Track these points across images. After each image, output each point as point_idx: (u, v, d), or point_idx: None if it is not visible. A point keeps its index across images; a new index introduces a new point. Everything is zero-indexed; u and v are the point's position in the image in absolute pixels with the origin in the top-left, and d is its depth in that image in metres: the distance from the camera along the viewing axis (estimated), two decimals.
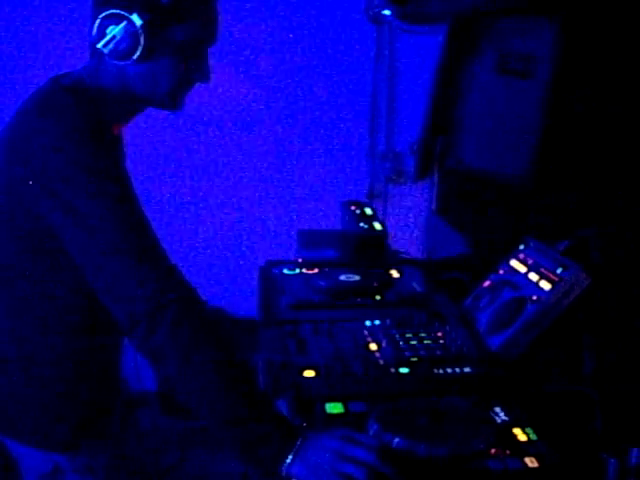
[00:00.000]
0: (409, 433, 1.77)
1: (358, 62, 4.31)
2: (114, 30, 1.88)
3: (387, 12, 3.67)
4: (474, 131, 3.03)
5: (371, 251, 3.04)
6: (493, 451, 1.76)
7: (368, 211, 3.31)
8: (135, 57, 1.89)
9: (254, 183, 4.30)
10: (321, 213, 4.13)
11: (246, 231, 4.31)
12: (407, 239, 3.94)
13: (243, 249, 4.25)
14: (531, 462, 1.73)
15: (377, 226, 3.15)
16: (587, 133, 2.48)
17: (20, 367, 2.06)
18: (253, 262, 3.08)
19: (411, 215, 4.24)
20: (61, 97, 1.94)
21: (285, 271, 2.88)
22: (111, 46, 1.89)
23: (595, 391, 1.98)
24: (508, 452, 1.76)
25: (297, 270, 2.88)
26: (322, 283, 2.68)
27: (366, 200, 4.08)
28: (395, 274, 2.85)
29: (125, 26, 1.87)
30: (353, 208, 3.33)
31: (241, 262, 4.13)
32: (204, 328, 1.86)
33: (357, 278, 2.73)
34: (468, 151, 3.06)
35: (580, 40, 2.48)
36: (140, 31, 1.87)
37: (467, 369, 2.10)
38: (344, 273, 2.76)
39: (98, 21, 1.89)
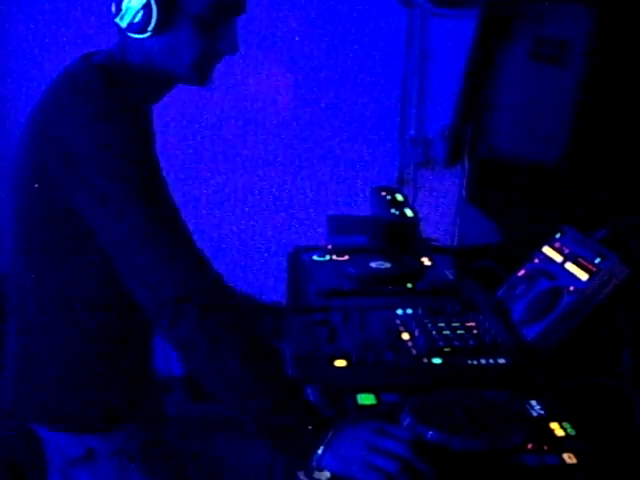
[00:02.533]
0: (443, 426, 1.73)
1: (389, 46, 4.28)
2: (129, 3, 1.83)
3: None
4: (506, 117, 2.99)
5: (403, 238, 3.00)
6: (530, 446, 1.72)
7: (399, 197, 3.27)
8: (150, 29, 1.84)
9: (284, 168, 4.29)
10: (350, 198, 4.11)
11: (275, 216, 4.30)
12: (438, 226, 3.90)
13: (272, 234, 4.23)
14: (569, 458, 1.68)
15: (409, 213, 3.10)
16: (622, 120, 2.43)
17: (51, 351, 2.04)
18: (282, 248, 3.06)
19: (441, 202, 4.21)
20: (92, 76, 1.88)
21: (314, 257, 2.84)
22: (127, 20, 1.84)
23: (633, 386, 1.94)
24: (545, 447, 1.72)
25: (327, 257, 2.85)
26: (352, 270, 2.64)
27: (396, 186, 4.04)
28: (427, 262, 2.81)
29: None
30: (384, 194, 3.28)
31: (270, 248, 4.11)
32: (231, 318, 1.82)
33: (388, 266, 2.69)
34: (500, 137, 3.03)
35: (615, 27, 2.44)
36: (153, 2, 1.81)
37: (501, 360, 2.06)
38: (375, 260, 2.72)
39: None
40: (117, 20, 1.86)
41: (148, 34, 1.85)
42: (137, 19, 1.83)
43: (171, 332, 1.78)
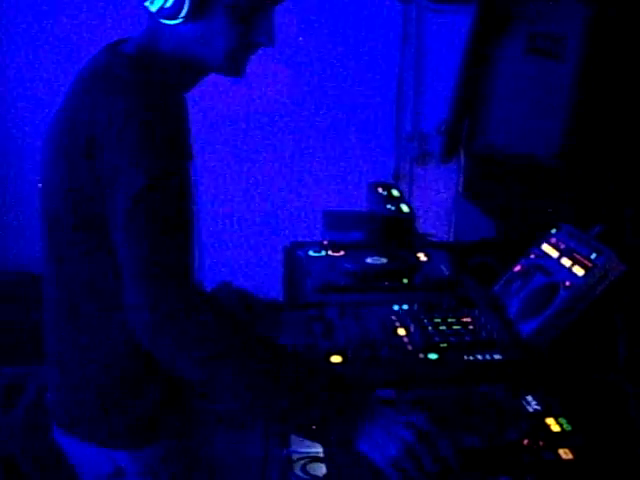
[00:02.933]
0: (439, 423, 1.73)
1: (385, 42, 4.27)
2: None
3: None
4: (502, 113, 2.98)
5: (399, 233, 2.99)
6: (526, 442, 1.72)
7: (395, 193, 3.26)
8: (183, 16, 1.73)
9: (280, 163, 4.28)
10: (347, 194, 4.11)
11: (271, 212, 4.29)
12: (433, 221, 3.90)
13: (268, 230, 4.23)
14: (565, 454, 1.68)
15: (405, 208, 3.10)
16: (619, 115, 2.43)
17: (80, 360, 1.96)
18: (278, 243, 3.05)
19: (437, 197, 4.21)
20: (125, 70, 1.78)
21: (310, 253, 2.84)
22: (158, 4, 1.74)
23: (629, 381, 1.94)
24: (541, 443, 1.72)
25: (323, 252, 2.84)
26: (348, 266, 2.64)
27: (392, 181, 4.04)
28: (423, 257, 2.81)
29: None
30: (380, 189, 3.28)
31: (266, 243, 4.11)
32: (230, 322, 1.75)
33: (384, 261, 2.69)
34: (496, 133, 3.01)
35: (612, 22, 2.43)
36: None
37: (497, 356, 2.06)
38: (371, 256, 2.72)
39: None
40: (147, 4, 1.76)
41: (180, 20, 1.75)
42: (169, 4, 1.72)
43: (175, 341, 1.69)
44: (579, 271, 2.17)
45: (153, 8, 1.75)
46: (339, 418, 1.67)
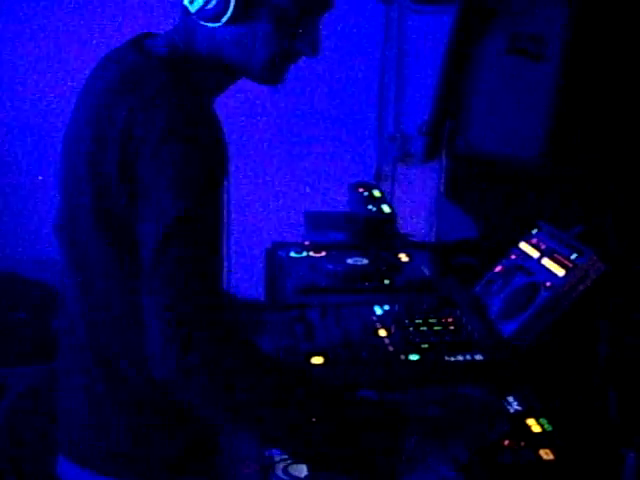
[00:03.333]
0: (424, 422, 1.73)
1: (366, 42, 4.28)
2: None
3: None
4: (484, 113, 2.98)
5: (380, 234, 3.00)
6: (506, 442, 1.72)
7: (376, 193, 3.27)
8: (225, 20, 1.63)
9: (261, 164, 4.27)
10: (328, 194, 4.10)
11: (253, 213, 4.28)
12: (415, 222, 3.91)
13: (250, 231, 4.22)
14: (546, 454, 1.68)
15: (386, 209, 3.11)
16: (600, 115, 2.43)
17: (106, 388, 1.81)
18: (260, 244, 3.04)
19: (419, 198, 4.21)
20: (161, 74, 1.66)
21: (292, 254, 2.83)
22: (198, 4, 1.63)
23: (610, 380, 1.94)
24: (522, 443, 1.72)
25: (304, 253, 2.84)
26: (330, 267, 2.64)
27: (374, 182, 4.04)
28: (404, 258, 2.81)
29: None
30: (361, 190, 3.28)
31: (248, 244, 4.10)
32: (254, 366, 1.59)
33: (365, 262, 2.69)
34: (478, 133, 3.02)
35: (592, 20, 2.44)
36: None
37: (479, 356, 2.06)
38: (352, 256, 2.72)
39: None
40: (186, 3, 1.65)
41: (222, 23, 1.64)
42: (211, 4, 1.61)
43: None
44: (559, 271, 2.17)
45: (193, 8, 1.65)
46: (382, 458, 1.60)
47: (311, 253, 2.84)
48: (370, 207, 3.11)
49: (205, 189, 1.57)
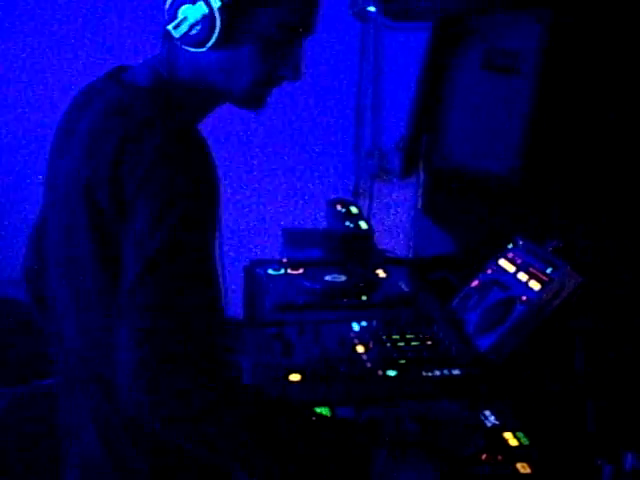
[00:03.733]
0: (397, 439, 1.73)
1: (343, 59, 4.28)
2: (187, 10, 1.60)
3: (372, 9, 3.64)
4: (460, 128, 3.00)
5: (357, 250, 3.01)
6: (484, 457, 1.72)
7: (354, 209, 3.28)
8: (209, 45, 1.61)
9: (238, 181, 4.27)
10: (306, 211, 4.11)
11: (230, 230, 4.27)
12: (393, 238, 3.91)
13: (227, 248, 4.22)
14: (523, 468, 1.69)
15: (363, 225, 3.12)
16: (575, 130, 2.45)
17: (118, 430, 1.73)
18: (238, 261, 3.04)
19: (397, 213, 4.22)
20: (146, 107, 1.63)
21: (270, 271, 2.84)
22: (183, 30, 1.61)
23: (587, 393, 1.95)
24: (499, 457, 1.72)
25: (282, 270, 2.84)
26: (307, 284, 2.65)
27: (351, 198, 4.05)
28: (381, 274, 2.83)
29: (199, 7, 1.59)
30: (338, 207, 3.29)
31: (226, 262, 4.09)
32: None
33: (343, 278, 2.70)
34: (454, 148, 3.04)
35: (565, 36, 2.46)
36: (217, 14, 1.58)
37: (456, 371, 2.07)
38: (330, 273, 2.73)
39: None
40: (170, 28, 1.62)
41: (206, 48, 1.63)
42: (196, 30, 1.60)
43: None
44: (535, 285, 2.18)
45: (177, 34, 1.62)
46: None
47: (289, 270, 2.84)
48: (347, 223, 3.12)
49: (192, 221, 1.53)
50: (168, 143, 1.55)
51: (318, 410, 1.90)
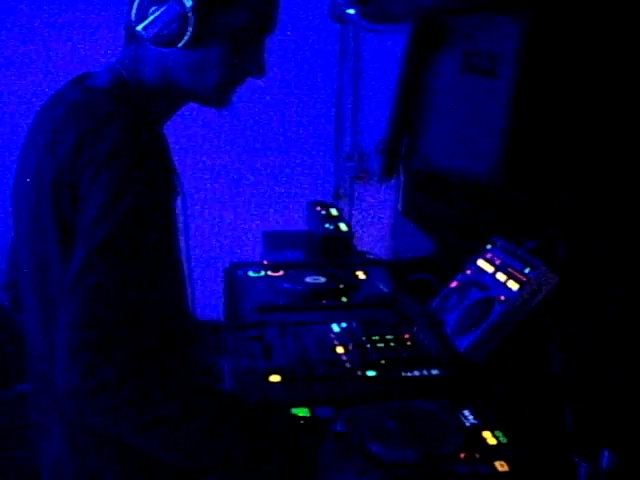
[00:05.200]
0: (376, 439, 1.74)
1: (323, 62, 4.29)
2: (158, 10, 1.61)
3: (351, 11, 3.65)
4: (440, 130, 3.01)
5: (337, 252, 3.02)
6: (462, 455, 1.73)
7: (334, 212, 3.29)
8: (182, 44, 1.63)
9: (218, 184, 4.27)
10: (287, 214, 4.11)
11: (211, 232, 4.28)
12: (373, 239, 3.92)
13: (208, 251, 4.22)
14: (501, 466, 1.70)
15: (343, 227, 3.13)
16: (553, 131, 2.46)
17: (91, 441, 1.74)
18: (218, 264, 3.05)
19: (377, 215, 4.23)
20: (106, 105, 1.64)
21: (250, 273, 2.84)
22: (153, 30, 1.62)
23: (564, 391, 1.96)
24: (477, 456, 1.73)
25: (262, 272, 2.85)
26: (287, 285, 2.65)
27: (332, 200, 4.06)
28: (361, 275, 2.83)
29: (171, 6, 1.60)
30: (318, 209, 3.30)
31: (206, 264, 4.09)
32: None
33: (323, 280, 2.71)
34: (434, 150, 3.04)
35: (543, 37, 2.47)
36: (190, 13, 1.60)
37: (435, 371, 2.08)
38: (310, 275, 2.74)
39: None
40: (139, 28, 1.64)
41: (178, 47, 1.64)
42: (167, 30, 1.61)
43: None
44: (514, 285, 2.19)
45: (147, 34, 1.64)
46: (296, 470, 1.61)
47: (269, 272, 2.85)
48: (328, 226, 3.13)
49: (140, 214, 1.54)
50: (124, 139, 1.56)
51: (296, 411, 1.91)
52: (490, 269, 2.36)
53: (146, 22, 1.63)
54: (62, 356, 1.48)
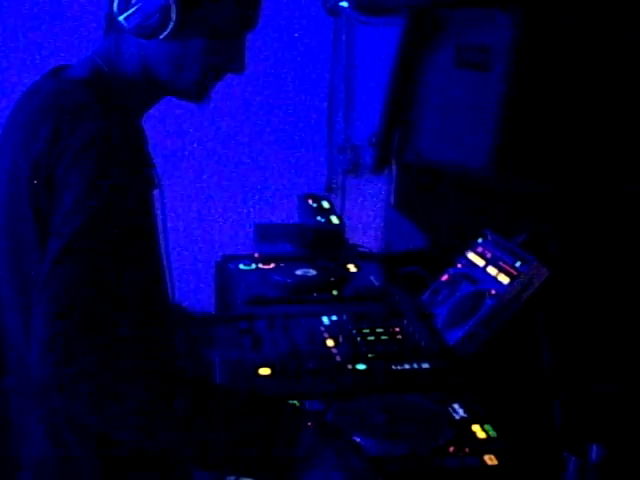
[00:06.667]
0: (366, 432, 1.74)
1: (315, 54, 4.27)
2: (141, 1, 1.60)
3: (344, 3, 3.65)
4: (432, 123, 3.01)
5: (328, 245, 3.02)
6: (451, 449, 1.73)
7: (325, 204, 3.29)
8: (164, 35, 1.62)
9: (210, 176, 4.26)
10: (278, 206, 4.11)
11: (202, 225, 4.27)
12: (365, 233, 3.92)
13: (199, 243, 4.21)
14: (490, 460, 1.70)
15: (334, 220, 3.12)
16: (546, 125, 2.46)
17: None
18: (209, 256, 3.04)
19: (369, 208, 4.22)
20: (82, 96, 1.62)
21: (241, 266, 2.84)
22: (136, 20, 1.61)
23: (554, 386, 1.97)
24: (467, 450, 1.73)
25: (253, 265, 2.85)
26: (278, 278, 2.65)
27: (323, 193, 4.05)
28: (352, 268, 2.84)
29: None
30: (310, 201, 3.30)
31: (197, 257, 4.09)
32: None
33: (314, 273, 2.71)
34: (426, 144, 3.04)
35: (537, 31, 2.46)
36: (173, 5, 1.59)
37: (425, 365, 2.08)
38: (301, 268, 2.74)
39: None
40: (121, 18, 1.62)
41: (160, 38, 1.63)
42: (149, 22, 1.61)
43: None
44: (504, 279, 2.20)
45: (129, 24, 1.63)
46: (276, 460, 1.54)
47: (260, 265, 2.85)
48: (319, 218, 3.13)
49: (113, 209, 1.51)
50: (100, 130, 1.54)
51: None
52: (481, 263, 2.36)
53: (128, 12, 1.62)
54: (37, 347, 1.46)
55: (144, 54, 1.70)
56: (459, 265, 2.45)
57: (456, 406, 1.92)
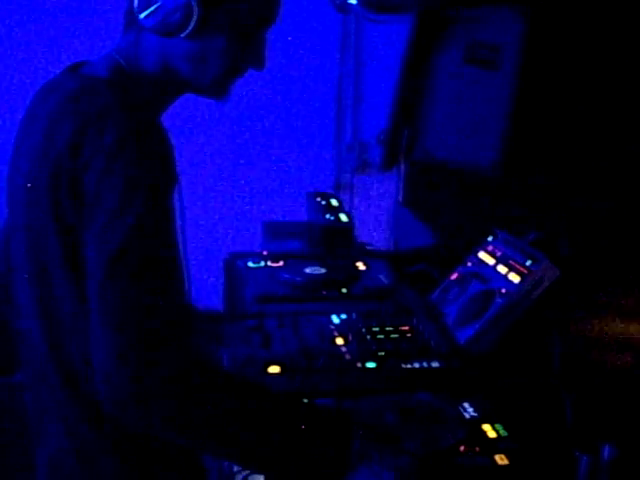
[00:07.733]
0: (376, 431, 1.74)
1: (324, 52, 4.27)
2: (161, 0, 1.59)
3: (353, 1, 3.63)
4: (441, 121, 3.01)
5: (337, 243, 3.01)
6: (462, 448, 1.73)
7: (334, 202, 3.28)
8: (185, 33, 1.61)
9: (218, 174, 4.26)
10: (287, 204, 4.10)
11: (211, 222, 4.27)
12: (373, 231, 3.91)
13: (208, 240, 4.21)
14: (501, 459, 1.69)
15: (343, 218, 3.12)
16: (554, 123, 2.46)
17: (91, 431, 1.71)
18: (218, 254, 3.04)
19: (377, 206, 4.22)
20: (104, 96, 1.60)
21: (250, 264, 2.83)
22: (157, 18, 1.60)
23: (564, 385, 1.96)
24: (477, 449, 1.73)
25: (262, 263, 2.84)
26: (287, 276, 2.64)
27: (332, 191, 4.05)
28: (361, 266, 2.82)
29: None
30: (319, 199, 3.29)
31: (206, 254, 4.09)
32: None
33: (323, 271, 2.70)
34: (435, 142, 3.04)
35: (546, 29, 2.46)
36: (194, 2, 1.58)
37: (435, 363, 2.07)
38: (310, 266, 2.73)
39: None
40: (142, 16, 1.61)
41: (181, 36, 1.62)
42: (170, 19, 1.59)
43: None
44: (515, 278, 2.19)
45: (150, 22, 1.61)
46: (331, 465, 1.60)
47: (269, 263, 2.84)
48: (328, 216, 3.12)
49: (152, 213, 1.51)
50: (128, 135, 1.52)
51: None
52: (491, 261, 2.35)
53: (149, 10, 1.60)
54: (108, 363, 1.46)
55: (165, 52, 1.68)
56: (469, 263, 2.44)
57: (466, 405, 1.91)
